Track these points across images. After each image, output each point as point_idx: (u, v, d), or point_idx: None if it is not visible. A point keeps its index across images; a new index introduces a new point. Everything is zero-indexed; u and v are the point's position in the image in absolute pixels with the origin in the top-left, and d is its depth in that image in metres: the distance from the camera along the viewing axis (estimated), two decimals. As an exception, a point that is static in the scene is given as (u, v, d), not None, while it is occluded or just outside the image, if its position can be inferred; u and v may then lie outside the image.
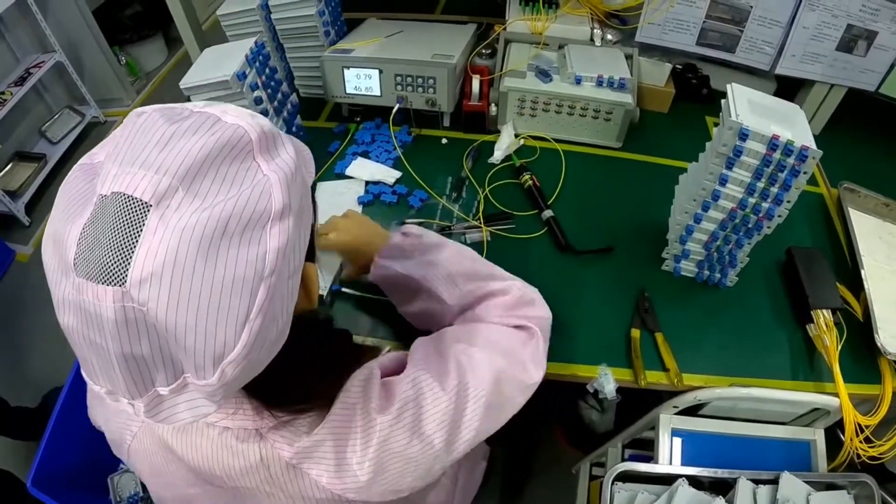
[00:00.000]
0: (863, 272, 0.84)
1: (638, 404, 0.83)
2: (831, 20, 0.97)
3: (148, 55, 2.75)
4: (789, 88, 1.11)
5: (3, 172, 2.13)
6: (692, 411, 0.77)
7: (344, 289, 0.82)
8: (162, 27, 2.74)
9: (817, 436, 0.77)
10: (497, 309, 0.61)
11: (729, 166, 0.69)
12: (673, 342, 0.78)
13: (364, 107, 1.11)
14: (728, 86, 0.70)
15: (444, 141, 1.08)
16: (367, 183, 0.99)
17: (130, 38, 2.61)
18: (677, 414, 0.77)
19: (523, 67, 1.06)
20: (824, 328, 0.77)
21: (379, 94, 1.04)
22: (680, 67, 1.18)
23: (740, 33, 1.05)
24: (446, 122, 1.10)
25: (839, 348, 0.75)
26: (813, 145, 0.64)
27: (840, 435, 0.72)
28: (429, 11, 1.42)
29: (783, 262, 0.88)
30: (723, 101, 0.70)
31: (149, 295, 0.30)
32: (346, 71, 1.03)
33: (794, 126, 0.67)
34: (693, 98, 1.17)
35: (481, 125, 1.08)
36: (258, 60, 0.88)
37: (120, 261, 0.30)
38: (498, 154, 1.02)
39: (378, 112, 1.11)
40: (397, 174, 1.00)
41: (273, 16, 1.05)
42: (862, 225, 0.94)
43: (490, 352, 0.54)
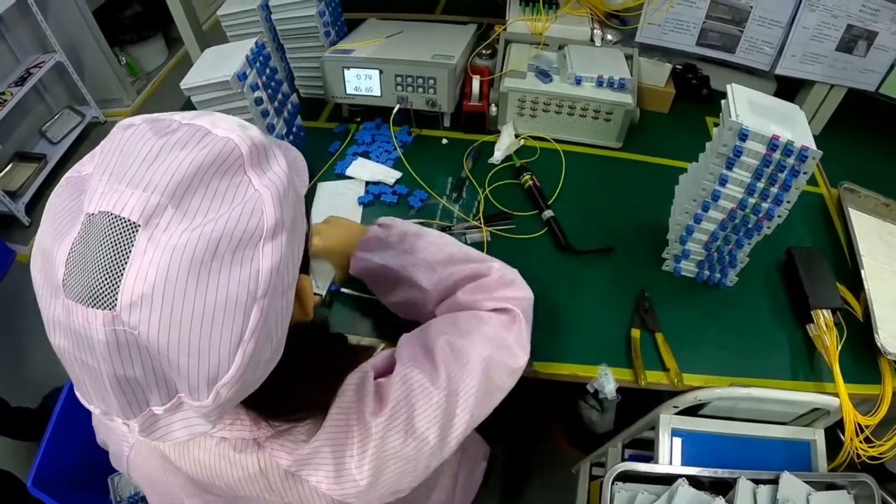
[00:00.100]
0: (863, 272, 0.84)
1: (638, 404, 0.83)
2: (831, 20, 0.97)
3: (148, 55, 2.75)
4: (789, 89, 1.11)
5: (4, 173, 2.13)
6: (692, 411, 0.77)
7: (343, 289, 0.82)
8: (162, 27, 2.74)
9: (817, 436, 0.77)
10: (477, 292, 0.60)
11: (729, 166, 0.69)
12: (673, 342, 0.78)
13: (364, 107, 1.11)
14: (728, 86, 0.70)
15: (445, 141, 1.08)
16: (368, 183, 0.99)
17: (131, 39, 2.61)
18: (677, 414, 0.77)
19: (523, 68, 1.06)
20: (824, 328, 0.77)
21: (379, 95, 1.04)
22: (680, 68, 1.18)
23: (740, 33, 1.05)
24: (446, 123, 1.10)
25: (839, 348, 0.76)
26: (813, 145, 0.64)
27: (840, 435, 0.72)
28: (429, 12, 1.42)
29: (783, 263, 0.88)
30: (723, 102, 0.70)
31: (139, 318, 0.30)
32: (347, 71, 1.03)
33: (794, 126, 0.67)
34: (693, 98, 1.17)
35: (481, 125, 1.08)
36: (259, 61, 0.88)
37: (109, 284, 0.30)
38: (498, 154, 1.02)
39: (378, 112, 1.11)
40: (397, 174, 1.00)
41: (273, 16, 1.05)
42: (862, 225, 0.94)
43: (476, 340, 0.54)
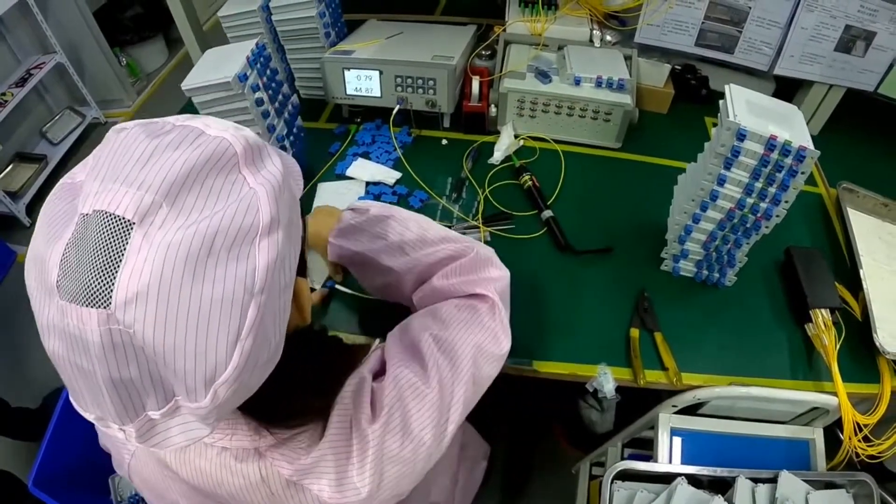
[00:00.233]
0: (861, 272, 0.84)
1: (637, 404, 0.83)
2: (830, 21, 0.98)
3: (148, 56, 2.76)
4: (788, 89, 1.11)
5: (4, 173, 2.13)
6: (691, 410, 0.77)
7: (338, 286, 0.83)
8: (162, 28, 2.75)
9: (816, 435, 0.77)
10: (453, 275, 0.59)
11: (727, 166, 0.69)
12: (672, 342, 0.78)
13: (364, 108, 1.11)
14: (726, 86, 0.70)
15: (444, 142, 1.08)
16: (368, 184, 0.99)
17: (131, 40, 2.62)
18: (676, 413, 0.77)
19: (523, 68, 1.06)
20: (823, 328, 0.77)
21: (379, 96, 1.05)
22: (679, 68, 1.18)
23: (739, 34, 1.05)
24: (446, 123, 1.10)
25: (838, 348, 0.76)
26: (811, 145, 0.64)
27: (839, 434, 0.73)
28: (429, 13, 1.43)
29: (782, 262, 0.88)
30: (721, 102, 0.70)
31: (135, 316, 0.29)
32: (347, 72, 1.03)
33: (793, 126, 0.67)
34: (692, 99, 1.17)
35: (481, 126, 1.08)
36: (259, 62, 0.88)
37: (103, 282, 0.29)
38: (498, 155, 1.03)
39: (378, 113, 1.11)
40: (397, 175, 1.00)
41: (274, 17, 1.06)
42: (861, 225, 0.95)
43: (460, 332, 0.53)
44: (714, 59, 1.11)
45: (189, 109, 0.92)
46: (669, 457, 0.76)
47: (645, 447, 0.89)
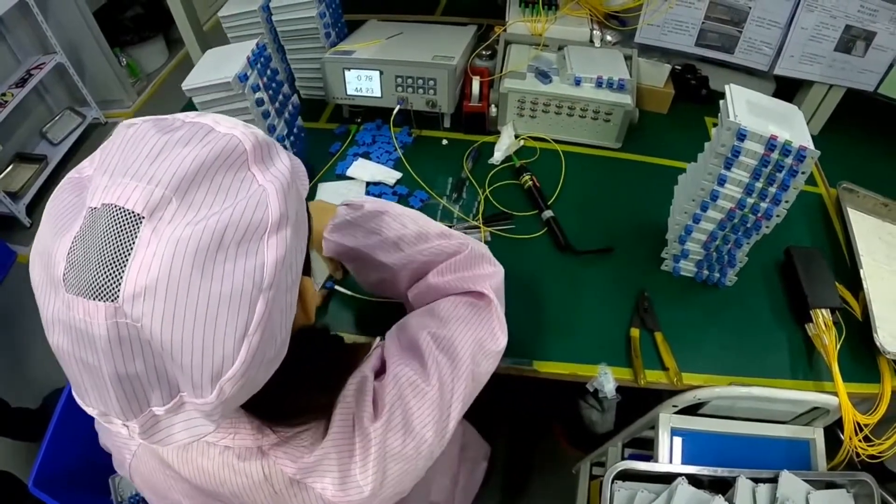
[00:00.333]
0: (862, 272, 0.84)
1: (638, 404, 0.84)
2: (830, 21, 0.98)
3: (148, 56, 2.76)
4: (788, 89, 1.11)
5: (5, 174, 2.13)
6: (692, 410, 0.77)
7: (338, 287, 0.83)
8: (162, 29, 2.75)
9: (817, 435, 0.77)
10: (448, 272, 0.59)
11: (727, 166, 0.69)
12: (672, 341, 0.78)
13: (365, 108, 1.11)
14: (726, 86, 0.70)
15: (445, 142, 1.08)
16: (368, 184, 0.99)
17: (131, 40, 2.61)
18: (677, 413, 0.77)
19: (523, 69, 1.06)
20: (823, 327, 0.77)
21: (379, 96, 1.05)
22: (679, 68, 1.18)
23: (739, 34, 1.05)
24: (447, 124, 1.10)
25: (838, 347, 0.76)
26: (811, 145, 0.64)
27: (839, 434, 0.73)
28: (429, 13, 1.43)
29: (782, 262, 0.88)
30: (721, 102, 0.70)
31: (143, 310, 0.29)
32: (347, 72, 1.03)
33: (793, 126, 0.67)
34: (692, 99, 1.18)
35: (481, 126, 1.09)
36: (260, 62, 0.88)
37: (111, 275, 0.29)
38: (498, 155, 1.03)
39: (379, 113, 1.11)
40: (398, 175, 1.00)
41: (274, 17, 1.06)
42: (861, 225, 0.95)
43: (458, 329, 0.54)
44: (714, 59, 1.11)
45: (189, 109, 0.92)
46: (670, 457, 0.76)
47: (645, 447, 0.89)
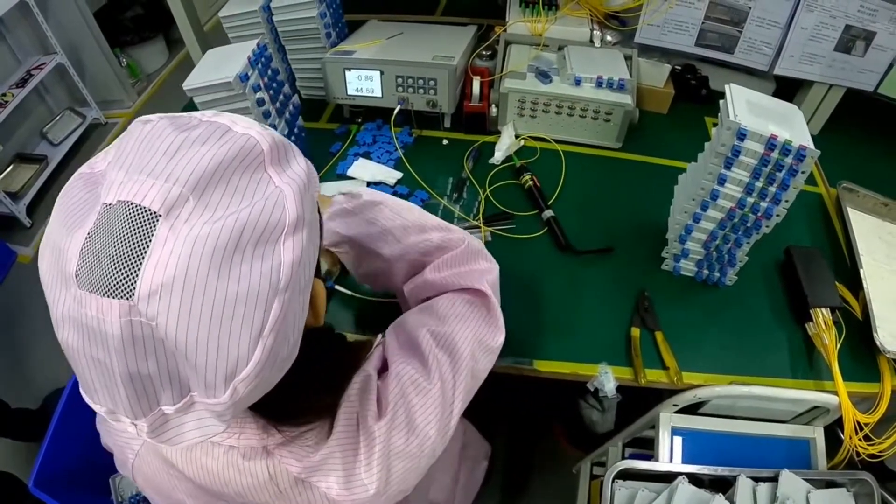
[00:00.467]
0: (862, 271, 0.84)
1: (638, 403, 0.84)
2: (829, 21, 0.98)
3: (149, 57, 2.76)
4: (788, 89, 1.12)
5: (5, 174, 2.13)
6: (692, 410, 0.77)
7: (337, 286, 0.83)
8: (163, 29, 2.75)
9: (817, 434, 0.77)
10: (445, 268, 0.59)
11: (727, 166, 0.69)
12: (673, 341, 0.78)
13: (365, 108, 1.11)
14: (726, 86, 0.70)
15: (445, 142, 1.08)
16: (369, 183, 1.00)
17: (131, 40, 2.62)
18: (677, 412, 0.77)
19: (523, 69, 1.06)
20: (823, 327, 0.77)
21: (380, 96, 1.05)
22: (679, 68, 1.18)
23: (739, 34, 1.05)
24: (447, 124, 1.10)
25: (838, 347, 0.76)
26: (811, 145, 0.64)
27: (839, 433, 0.73)
28: (429, 13, 1.43)
29: (782, 262, 0.89)
30: (721, 102, 0.70)
31: (158, 309, 0.29)
32: (348, 72, 1.03)
33: (793, 126, 0.67)
34: (692, 99, 1.18)
35: (482, 126, 1.09)
36: (260, 62, 0.89)
37: (127, 273, 0.29)
38: (498, 155, 1.03)
39: (379, 113, 1.11)
40: (398, 175, 1.00)
41: (275, 18, 1.06)
42: (861, 224, 0.95)
43: (457, 326, 0.54)
44: (714, 59, 1.11)
45: (190, 109, 0.92)
46: (670, 456, 0.76)
47: (646, 447, 0.89)
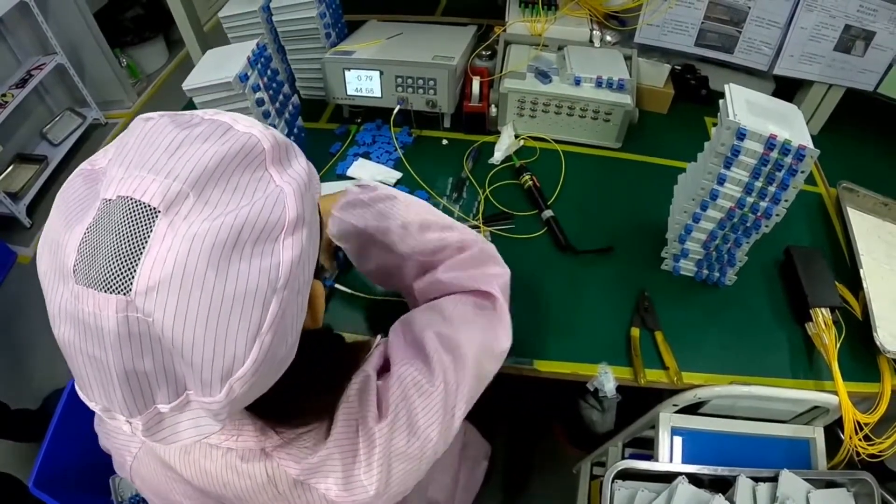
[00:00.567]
0: (861, 271, 0.84)
1: (638, 403, 0.84)
2: (829, 21, 0.98)
3: (149, 57, 2.76)
4: (788, 89, 1.12)
5: (5, 174, 2.13)
6: (692, 410, 0.77)
7: (337, 285, 0.83)
8: (163, 29, 2.75)
9: (817, 434, 0.77)
10: (457, 269, 0.59)
11: (727, 166, 0.69)
12: (673, 341, 0.78)
13: (365, 108, 1.11)
14: (726, 86, 0.70)
15: (445, 142, 1.08)
16: (368, 184, 1.00)
17: (131, 41, 2.62)
18: (677, 412, 0.77)
19: (523, 69, 1.06)
20: (823, 327, 0.77)
21: (380, 96, 1.05)
22: (679, 68, 1.18)
23: (738, 34, 1.05)
24: (447, 124, 1.10)
25: (838, 347, 0.76)
26: (810, 145, 0.64)
27: (839, 433, 0.73)
28: (429, 13, 1.43)
29: (782, 262, 0.89)
30: (721, 102, 0.70)
31: (155, 305, 0.29)
32: (347, 72, 1.03)
33: (792, 126, 0.67)
34: (692, 99, 1.18)
35: (481, 126, 1.09)
36: (260, 62, 0.89)
37: (125, 268, 0.29)
38: (498, 155, 1.03)
39: (379, 113, 1.11)
40: (398, 175, 1.00)
41: (274, 18, 1.06)
42: (861, 224, 0.95)
43: (464, 329, 0.53)
44: (714, 59, 1.11)
45: (190, 109, 0.93)
46: (670, 456, 0.76)
47: (646, 447, 0.89)
